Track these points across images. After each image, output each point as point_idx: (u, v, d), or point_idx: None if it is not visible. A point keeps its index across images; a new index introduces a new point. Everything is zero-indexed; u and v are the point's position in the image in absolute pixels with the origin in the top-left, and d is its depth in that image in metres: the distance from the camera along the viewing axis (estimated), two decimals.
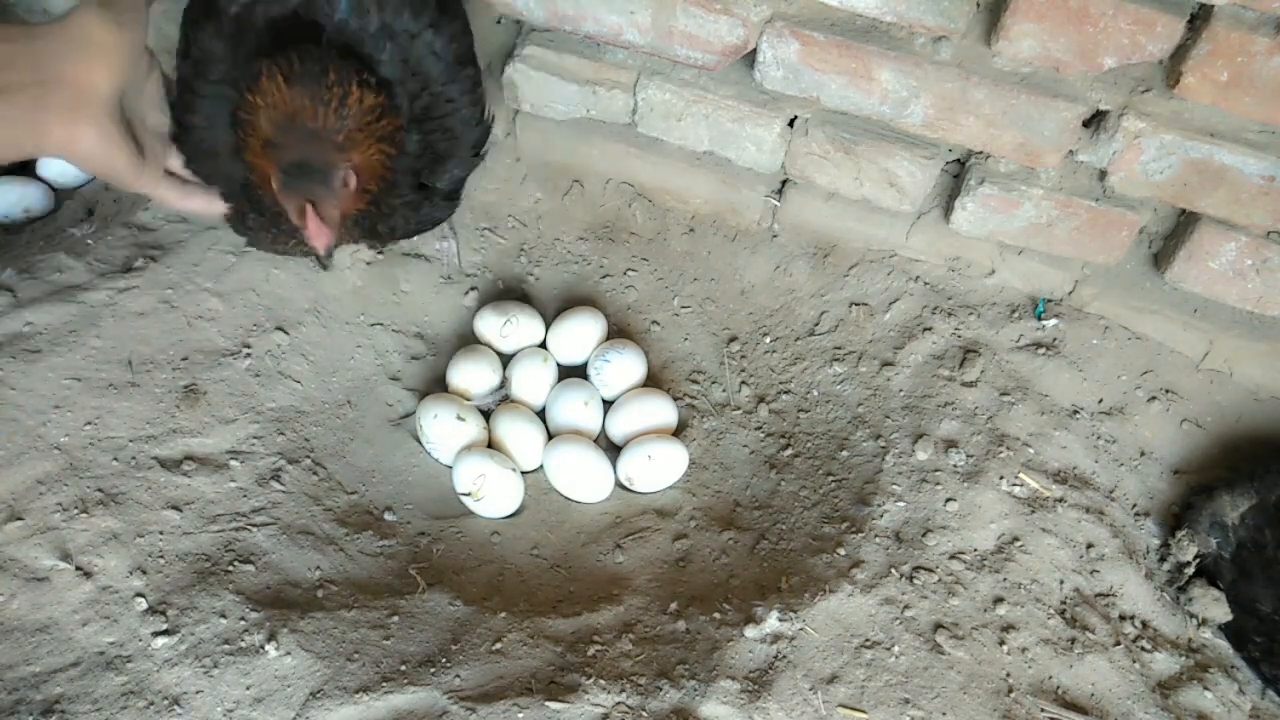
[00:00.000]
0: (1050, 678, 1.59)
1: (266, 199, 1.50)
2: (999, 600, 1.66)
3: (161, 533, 1.62)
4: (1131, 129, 1.72)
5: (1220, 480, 1.80)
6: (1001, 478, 1.79)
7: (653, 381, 2.09)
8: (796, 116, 1.96)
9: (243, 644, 1.51)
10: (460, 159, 1.71)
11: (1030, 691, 1.57)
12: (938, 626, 1.62)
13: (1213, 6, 1.54)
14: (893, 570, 1.68)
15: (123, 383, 1.77)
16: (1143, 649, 1.66)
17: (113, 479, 1.65)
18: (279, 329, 1.94)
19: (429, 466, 1.95)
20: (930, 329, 2.00)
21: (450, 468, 1.92)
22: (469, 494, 1.87)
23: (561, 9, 1.90)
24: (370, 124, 1.47)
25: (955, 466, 1.82)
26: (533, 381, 2.04)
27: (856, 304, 2.07)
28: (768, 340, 2.11)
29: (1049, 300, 2.03)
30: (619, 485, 1.96)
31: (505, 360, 2.08)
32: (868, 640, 1.59)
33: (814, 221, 2.11)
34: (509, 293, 2.18)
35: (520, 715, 1.48)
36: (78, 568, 1.54)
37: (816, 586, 1.66)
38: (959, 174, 1.97)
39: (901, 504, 1.78)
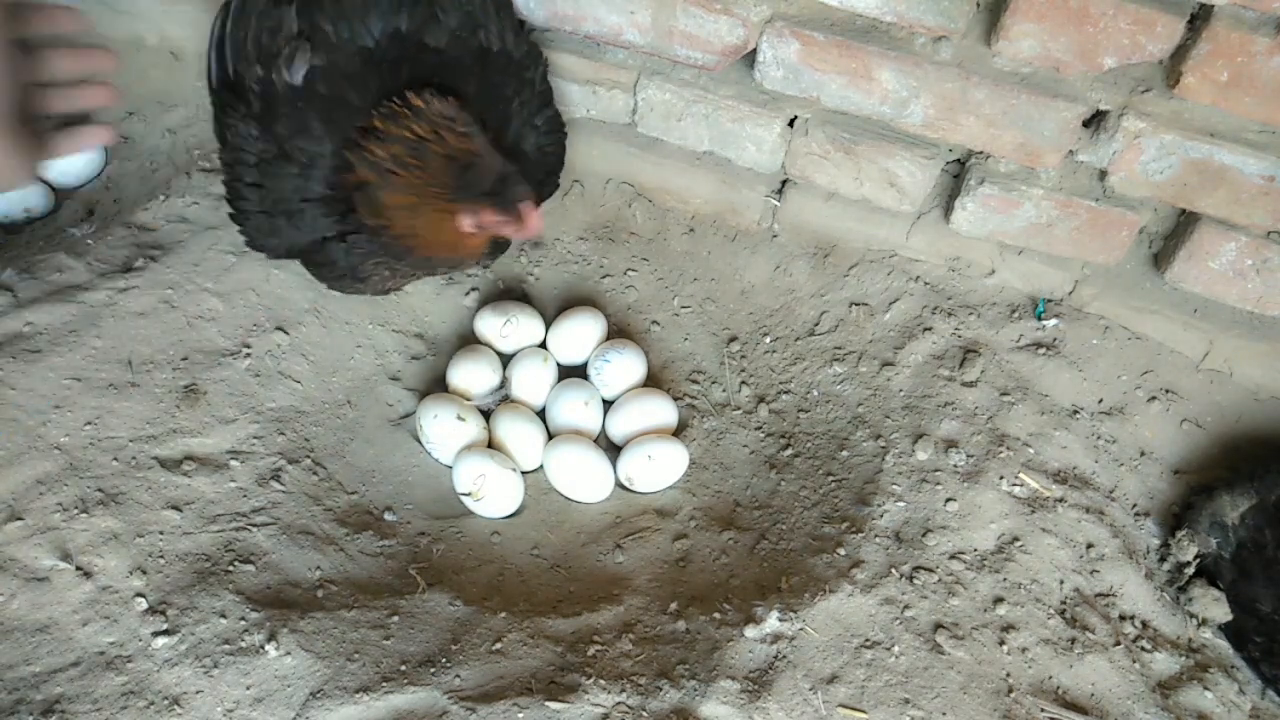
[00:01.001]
0: (1050, 678, 1.59)
1: (412, 241, 1.64)
2: (999, 600, 1.66)
3: (161, 533, 1.62)
4: (1131, 129, 1.72)
5: (1220, 480, 1.80)
6: (1001, 478, 1.79)
7: (653, 381, 2.09)
8: (796, 116, 1.96)
9: (243, 644, 1.51)
10: None
11: (1030, 691, 1.57)
12: (938, 626, 1.62)
13: (1213, 6, 1.54)
14: (893, 570, 1.68)
15: (123, 383, 1.77)
16: (1143, 649, 1.66)
17: (113, 479, 1.65)
18: (279, 329, 1.94)
19: (429, 466, 1.95)
20: (930, 329, 2.00)
21: (450, 468, 1.92)
22: (469, 494, 1.87)
23: (561, 9, 1.90)
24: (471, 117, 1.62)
25: (955, 466, 1.82)
26: (533, 381, 2.04)
27: (856, 304, 2.07)
28: (768, 340, 2.11)
29: (1049, 300, 2.03)
30: (619, 485, 1.96)
31: (505, 360, 2.08)
32: (868, 640, 1.59)
33: (814, 221, 2.11)
34: (509, 293, 2.18)
35: (520, 715, 1.48)
36: (78, 568, 1.54)
37: (816, 586, 1.66)
38: (959, 174, 1.97)
39: (901, 504, 1.78)
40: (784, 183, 2.09)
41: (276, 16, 1.60)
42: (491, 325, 2.07)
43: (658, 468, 1.92)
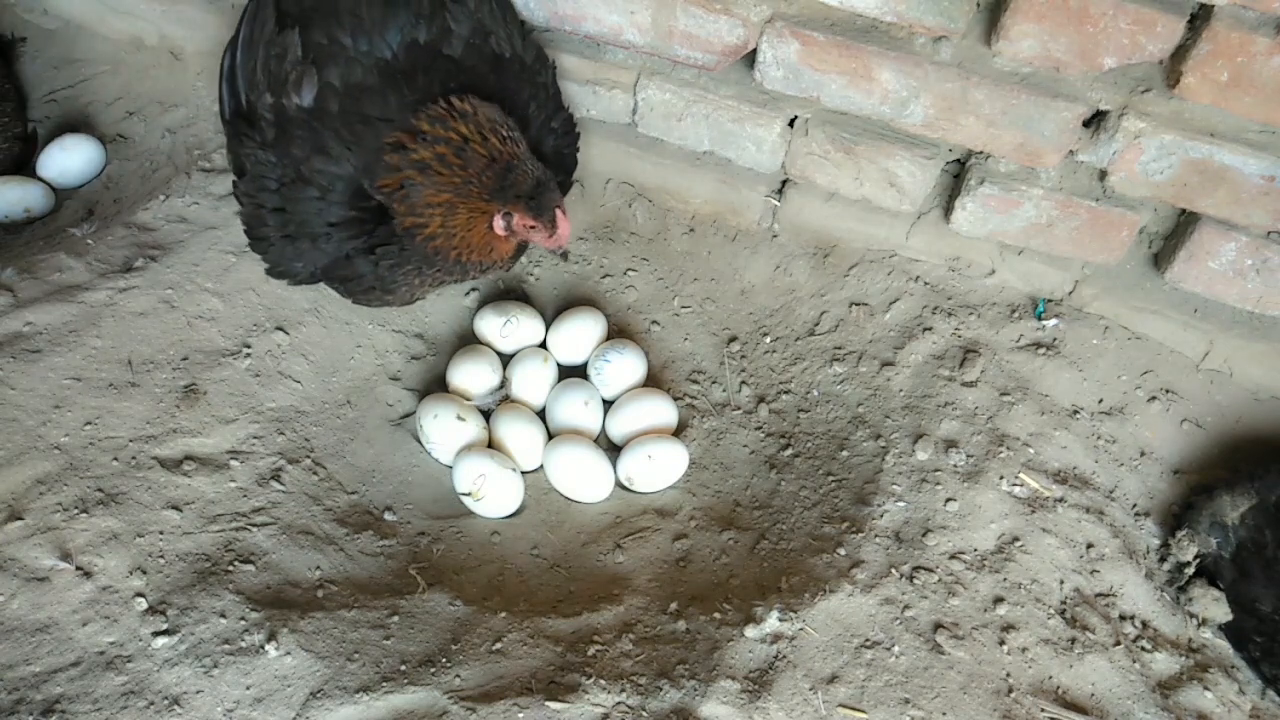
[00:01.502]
0: (1050, 678, 1.59)
1: (452, 248, 1.68)
2: (999, 600, 1.66)
3: (161, 533, 1.62)
4: (1131, 129, 1.72)
5: (1220, 480, 1.80)
6: (1001, 478, 1.79)
7: (653, 381, 2.09)
8: (796, 116, 1.96)
9: (243, 644, 1.51)
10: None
11: (1030, 691, 1.57)
12: (938, 626, 1.62)
13: (1213, 6, 1.54)
14: (893, 570, 1.68)
15: (123, 383, 1.77)
16: (1143, 649, 1.66)
17: (113, 479, 1.65)
18: (279, 329, 1.94)
19: (429, 466, 1.95)
20: (930, 329, 2.00)
21: (450, 468, 1.92)
22: (469, 494, 1.87)
23: (561, 9, 1.90)
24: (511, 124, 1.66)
25: (955, 466, 1.82)
26: (533, 381, 2.04)
27: (856, 304, 2.07)
28: (768, 340, 2.10)
29: (1049, 300, 2.03)
30: (619, 485, 1.96)
31: (505, 360, 2.08)
32: (868, 640, 1.59)
33: (814, 221, 2.11)
34: (509, 293, 2.18)
35: (520, 715, 1.48)
36: (78, 568, 1.54)
37: (816, 586, 1.66)
38: (959, 174, 1.97)
39: (901, 504, 1.78)
40: (784, 183, 2.09)
41: (282, 43, 1.62)
42: (491, 325, 2.07)
43: (658, 468, 1.92)
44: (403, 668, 1.54)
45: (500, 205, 1.63)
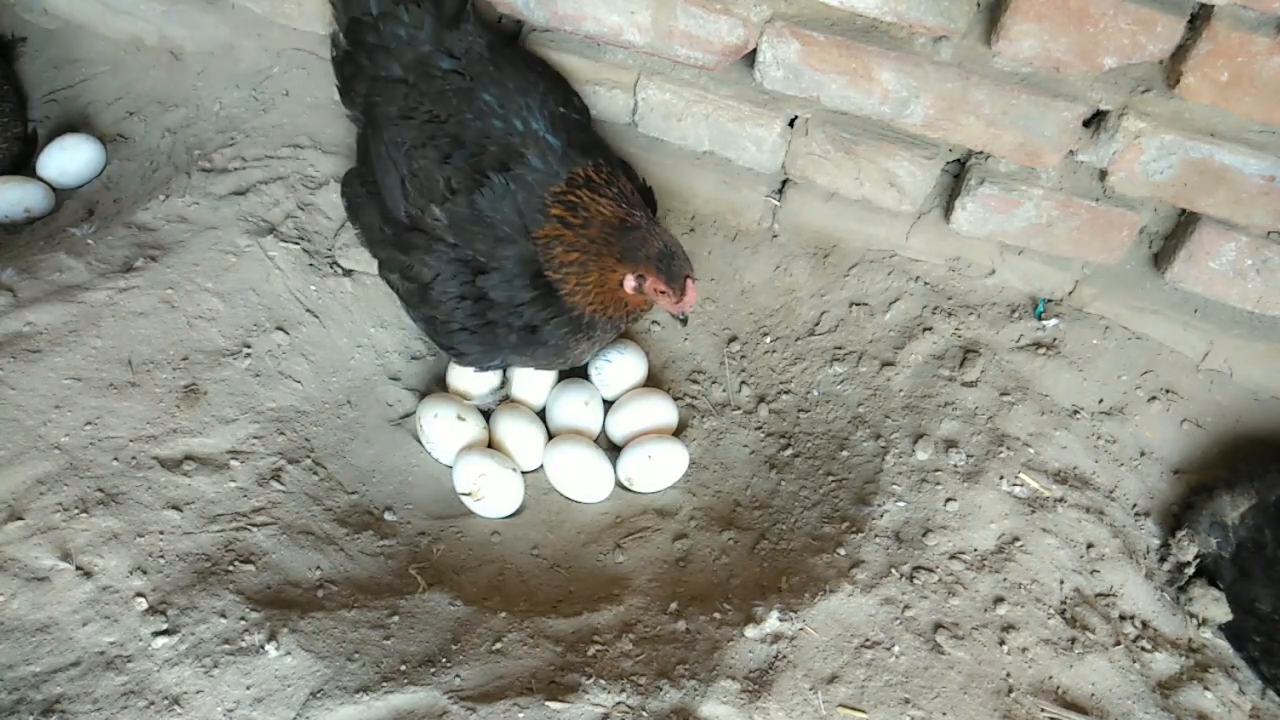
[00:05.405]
0: (1050, 678, 1.59)
1: (606, 311, 1.79)
2: (999, 600, 1.66)
3: (162, 533, 1.62)
4: (1132, 129, 1.72)
5: (1220, 480, 1.80)
6: (1002, 478, 1.79)
7: (653, 381, 2.09)
8: (796, 116, 1.96)
9: (243, 644, 1.51)
10: None
11: (1030, 691, 1.57)
12: (938, 626, 1.62)
13: (1213, 6, 1.54)
14: (893, 570, 1.68)
15: (123, 383, 1.77)
16: (1143, 649, 1.66)
17: (113, 479, 1.65)
18: (279, 329, 1.94)
19: (429, 466, 1.95)
20: (930, 329, 2.00)
21: (450, 468, 1.92)
22: (469, 494, 1.87)
23: (562, 9, 1.90)
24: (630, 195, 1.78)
25: (955, 466, 1.82)
26: (533, 381, 2.04)
27: (856, 304, 2.07)
28: (768, 340, 2.11)
29: (1049, 300, 2.03)
30: (619, 485, 1.96)
31: None
32: (868, 640, 1.59)
33: (814, 221, 2.11)
34: None
35: (520, 715, 1.48)
36: (78, 568, 1.54)
37: (816, 586, 1.66)
38: (959, 174, 1.97)
39: (902, 504, 1.78)
40: (784, 183, 2.09)
41: (424, 156, 1.76)
42: None
43: (658, 468, 1.92)
44: (403, 668, 1.54)
45: (633, 267, 1.71)
